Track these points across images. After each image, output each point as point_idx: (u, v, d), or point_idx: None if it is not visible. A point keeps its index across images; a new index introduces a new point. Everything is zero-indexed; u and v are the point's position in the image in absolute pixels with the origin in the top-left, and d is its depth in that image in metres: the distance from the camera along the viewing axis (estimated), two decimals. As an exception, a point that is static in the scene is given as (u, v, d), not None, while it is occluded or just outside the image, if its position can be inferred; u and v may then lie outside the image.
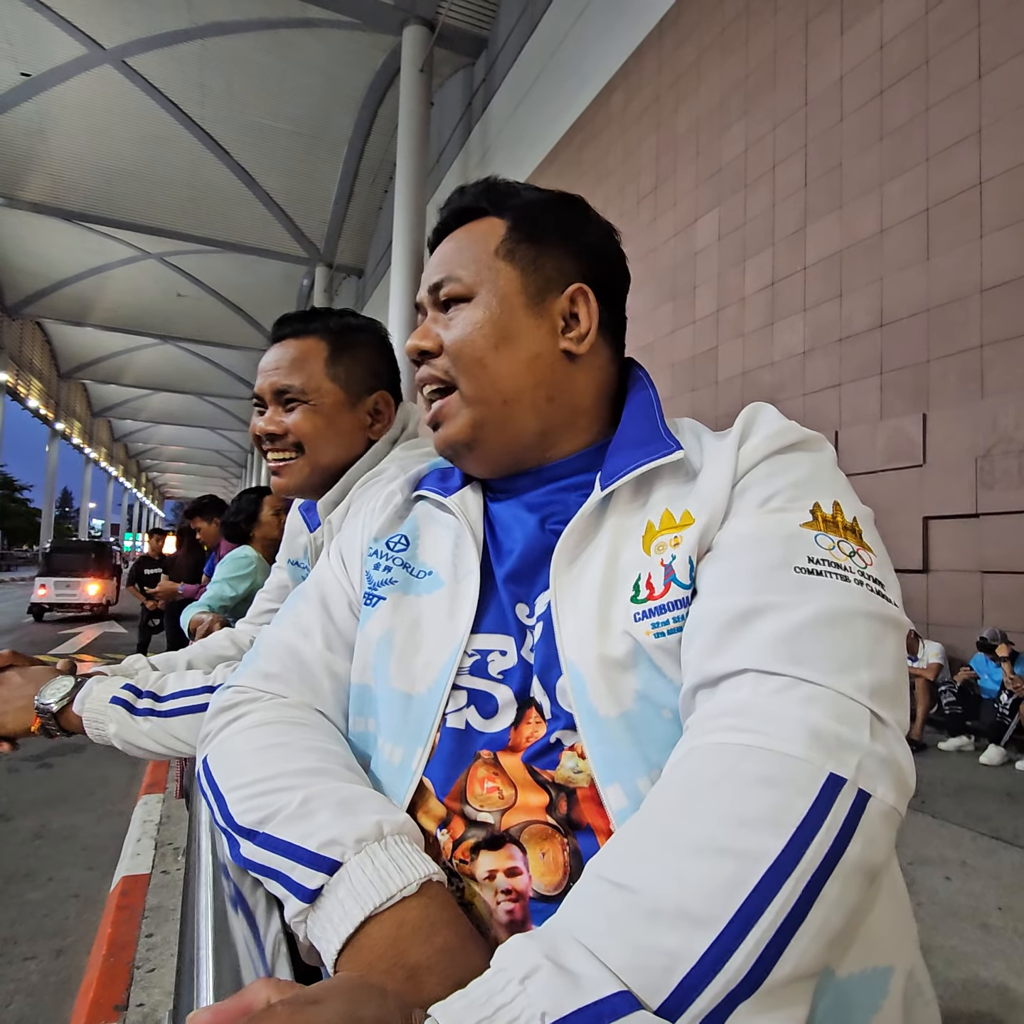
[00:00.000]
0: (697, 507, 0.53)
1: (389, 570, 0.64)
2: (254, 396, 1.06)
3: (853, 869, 0.37)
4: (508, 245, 0.62)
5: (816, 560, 0.47)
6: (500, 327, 0.60)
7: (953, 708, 4.44)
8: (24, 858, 2.68)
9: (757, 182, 6.47)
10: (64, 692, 0.86)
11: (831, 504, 0.51)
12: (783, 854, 0.36)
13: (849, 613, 0.45)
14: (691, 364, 7.28)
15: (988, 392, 4.61)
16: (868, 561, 0.48)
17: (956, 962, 2.07)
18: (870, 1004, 0.44)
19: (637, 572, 0.53)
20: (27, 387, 30.21)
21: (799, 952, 0.35)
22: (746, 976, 0.34)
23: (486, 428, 0.61)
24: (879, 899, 0.47)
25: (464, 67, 13.62)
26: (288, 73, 14.98)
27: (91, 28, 14.17)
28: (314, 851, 0.45)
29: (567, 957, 0.34)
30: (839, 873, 0.36)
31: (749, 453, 0.54)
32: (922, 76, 5.04)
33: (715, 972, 0.33)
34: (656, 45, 7.99)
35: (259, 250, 21.14)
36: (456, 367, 0.61)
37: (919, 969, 0.50)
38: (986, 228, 4.61)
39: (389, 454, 1.08)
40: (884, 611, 0.46)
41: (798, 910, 0.35)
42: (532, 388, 0.61)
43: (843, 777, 0.38)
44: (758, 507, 0.51)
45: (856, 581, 0.46)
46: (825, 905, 0.36)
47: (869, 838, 0.38)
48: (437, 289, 0.63)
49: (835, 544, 0.48)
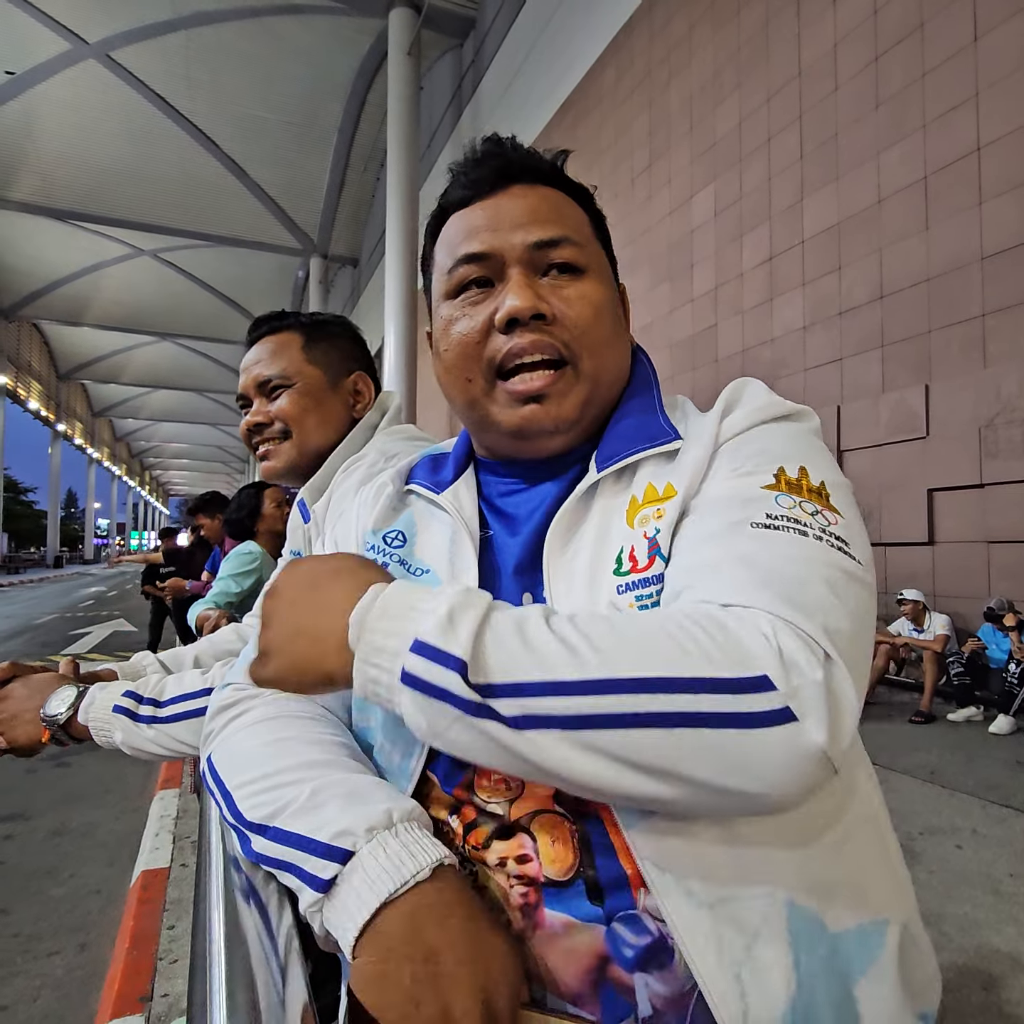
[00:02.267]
0: (678, 479, 0.54)
1: (386, 567, 0.64)
2: (239, 398, 1.08)
3: (725, 753, 0.37)
4: (593, 228, 0.62)
5: (775, 516, 0.47)
6: (614, 311, 0.60)
7: (961, 679, 4.45)
8: (45, 856, 2.72)
9: (752, 156, 6.39)
10: (69, 702, 0.86)
11: (797, 468, 0.51)
12: (671, 680, 0.38)
13: (806, 560, 0.44)
14: (690, 343, 7.23)
15: (991, 361, 4.57)
16: (832, 520, 0.48)
17: (968, 929, 2.09)
18: (867, 956, 0.46)
19: (620, 545, 0.53)
20: (27, 389, 30.24)
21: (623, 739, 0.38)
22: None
23: (589, 408, 0.58)
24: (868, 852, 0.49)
25: (452, 49, 13.44)
26: (274, 62, 14.83)
27: (73, 23, 14.03)
28: (326, 842, 0.46)
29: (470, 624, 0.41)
30: (708, 740, 0.37)
31: (730, 424, 0.55)
32: (917, 41, 4.95)
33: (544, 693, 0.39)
34: (646, 19, 7.87)
35: (252, 243, 21.03)
36: (580, 342, 0.57)
37: (914, 921, 0.51)
38: (985, 195, 4.55)
39: (371, 440, 1.08)
40: (843, 563, 0.45)
41: (652, 717, 0.37)
42: (624, 373, 0.62)
43: (776, 687, 0.38)
44: (728, 472, 0.52)
45: (815, 536, 0.46)
46: (674, 739, 0.37)
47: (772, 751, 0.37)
48: (546, 247, 0.56)
49: (796, 504, 0.48)
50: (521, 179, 0.59)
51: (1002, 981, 1.86)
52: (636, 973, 0.45)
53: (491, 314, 0.56)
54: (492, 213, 0.57)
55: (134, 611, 12.80)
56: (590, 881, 0.47)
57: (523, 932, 0.48)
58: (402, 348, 10.80)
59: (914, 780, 3.35)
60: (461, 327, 0.57)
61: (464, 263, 0.57)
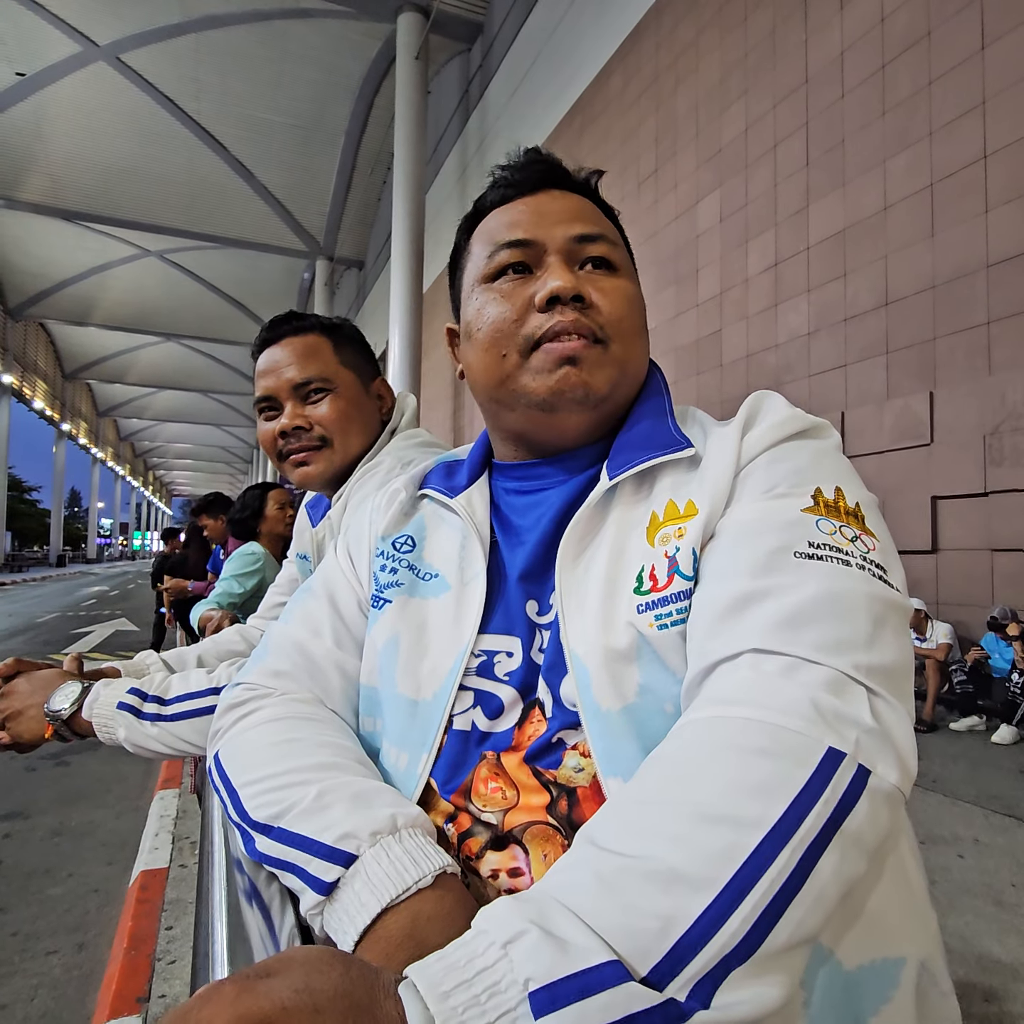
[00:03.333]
0: (700, 497, 0.53)
1: (395, 572, 0.64)
2: (264, 399, 1.03)
3: (851, 842, 0.37)
4: (624, 246, 0.64)
5: (817, 545, 0.47)
6: (642, 312, 0.62)
7: (964, 688, 4.43)
8: (44, 855, 2.72)
9: (758, 162, 6.40)
10: (73, 698, 0.86)
11: (833, 489, 0.50)
12: (781, 821, 0.36)
13: (849, 595, 0.44)
14: (695, 348, 7.23)
15: (996, 368, 4.56)
16: (871, 546, 0.48)
17: (970, 939, 2.08)
18: (879, 995, 0.44)
19: (641, 564, 0.52)
20: (32, 388, 30.34)
21: (794, 920, 0.34)
22: (742, 940, 0.33)
23: (618, 389, 0.60)
24: (888, 888, 0.47)
25: (460, 53, 13.49)
26: (283, 65, 14.90)
27: (84, 25, 14.11)
28: (330, 844, 0.46)
29: (554, 922, 0.33)
30: (837, 844, 0.36)
31: (753, 442, 0.54)
32: (924, 49, 4.95)
33: (710, 936, 0.33)
34: (653, 25, 7.89)
35: (259, 245, 21.11)
36: (614, 328, 0.59)
37: (935, 960, 0.48)
38: (991, 203, 4.55)
39: (388, 445, 1.08)
40: (885, 594, 0.45)
41: (794, 878, 0.35)
42: (643, 374, 0.64)
43: (842, 751, 0.38)
44: (760, 494, 0.51)
45: (858, 565, 0.46)
46: (821, 876, 0.35)
47: (868, 813, 0.37)
48: (585, 241, 0.59)
49: (836, 529, 0.48)
50: (561, 185, 0.63)
51: (1004, 992, 1.84)
52: None
53: (530, 296, 0.58)
54: (534, 208, 0.61)
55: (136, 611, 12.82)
56: None
57: None
58: (407, 350, 10.82)
59: (916, 789, 3.33)
60: (499, 308, 0.59)
61: (506, 247, 0.59)
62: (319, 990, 0.31)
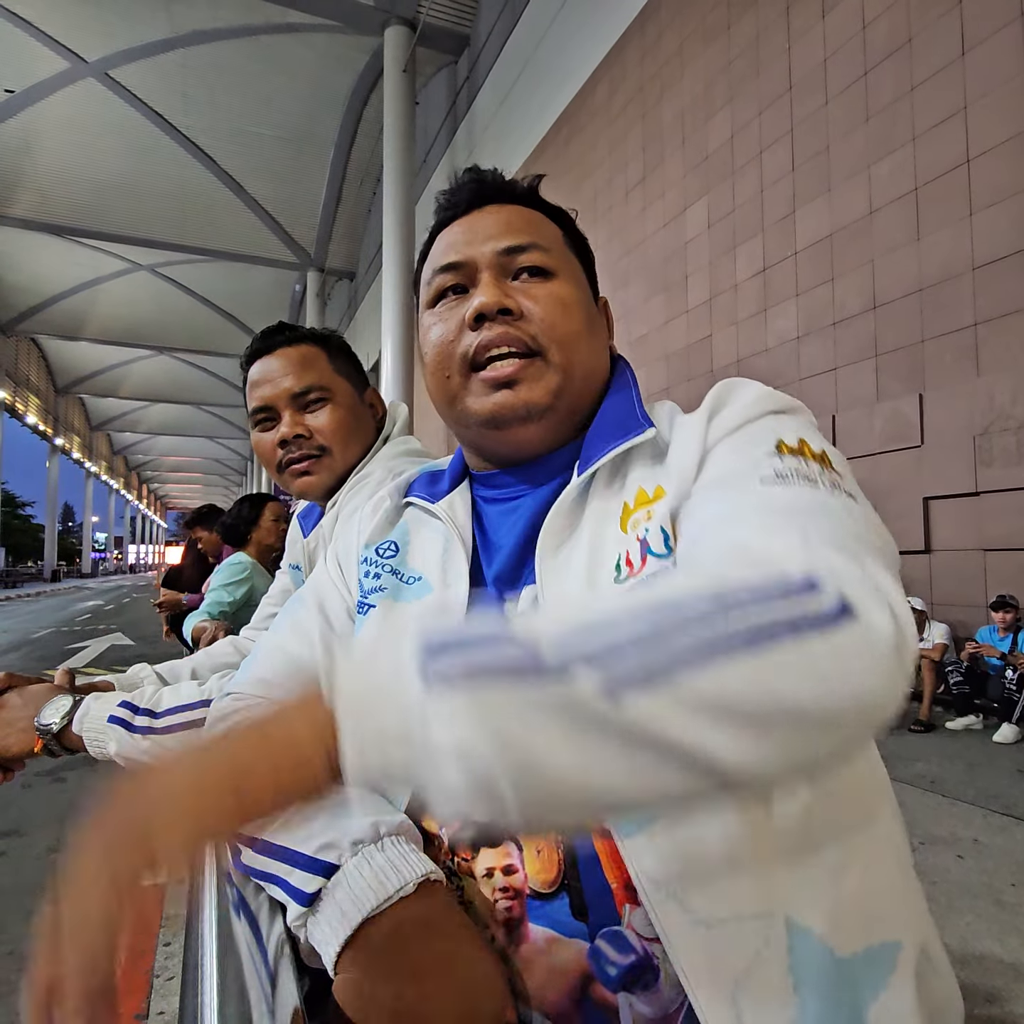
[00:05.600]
0: (667, 481, 0.53)
1: (379, 577, 0.65)
2: (261, 410, 1.02)
3: (809, 663, 0.31)
4: (567, 242, 0.64)
5: (782, 473, 0.46)
6: (587, 311, 0.62)
7: (960, 687, 4.44)
8: (40, 872, 2.69)
9: (744, 168, 6.45)
10: (63, 712, 0.85)
11: (796, 440, 0.49)
12: (760, 587, 0.33)
13: (821, 504, 0.43)
14: (686, 354, 7.27)
15: (984, 370, 4.59)
16: (841, 477, 0.47)
17: (971, 939, 2.07)
18: (877, 981, 0.43)
19: (617, 552, 0.53)
20: (25, 404, 30.26)
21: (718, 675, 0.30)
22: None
23: (563, 397, 0.59)
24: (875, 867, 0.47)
25: (447, 65, 13.58)
26: (271, 78, 14.96)
27: (72, 42, 14.16)
28: (311, 855, 0.45)
29: None
30: (793, 649, 0.31)
31: (720, 424, 0.53)
32: (905, 55, 5.02)
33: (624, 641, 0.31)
34: (638, 35, 7.96)
35: (250, 257, 21.14)
36: (549, 335, 0.58)
37: (932, 943, 0.48)
38: (975, 206, 4.60)
39: (378, 453, 1.08)
40: (857, 508, 0.44)
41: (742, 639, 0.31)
42: (601, 373, 0.63)
43: (825, 586, 0.34)
44: (725, 455, 0.51)
45: (825, 487, 0.45)
46: (769, 660, 0.31)
47: (849, 650, 0.32)
48: (514, 252, 0.60)
49: (802, 463, 0.47)
50: (496, 199, 0.63)
51: (1006, 993, 1.84)
52: (620, 993, 0.45)
53: (463, 315, 0.59)
54: (467, 227, 0.62)
55: (131, 625, 12.75)
56: (574, 894, 0.47)
57: (507, 948, 0.48)
58: (399, 361, 10.84)
59: (914, 789, 3.33)
60: (439, 330, 0.61)
61: (441, 272, 0.62)
62: None
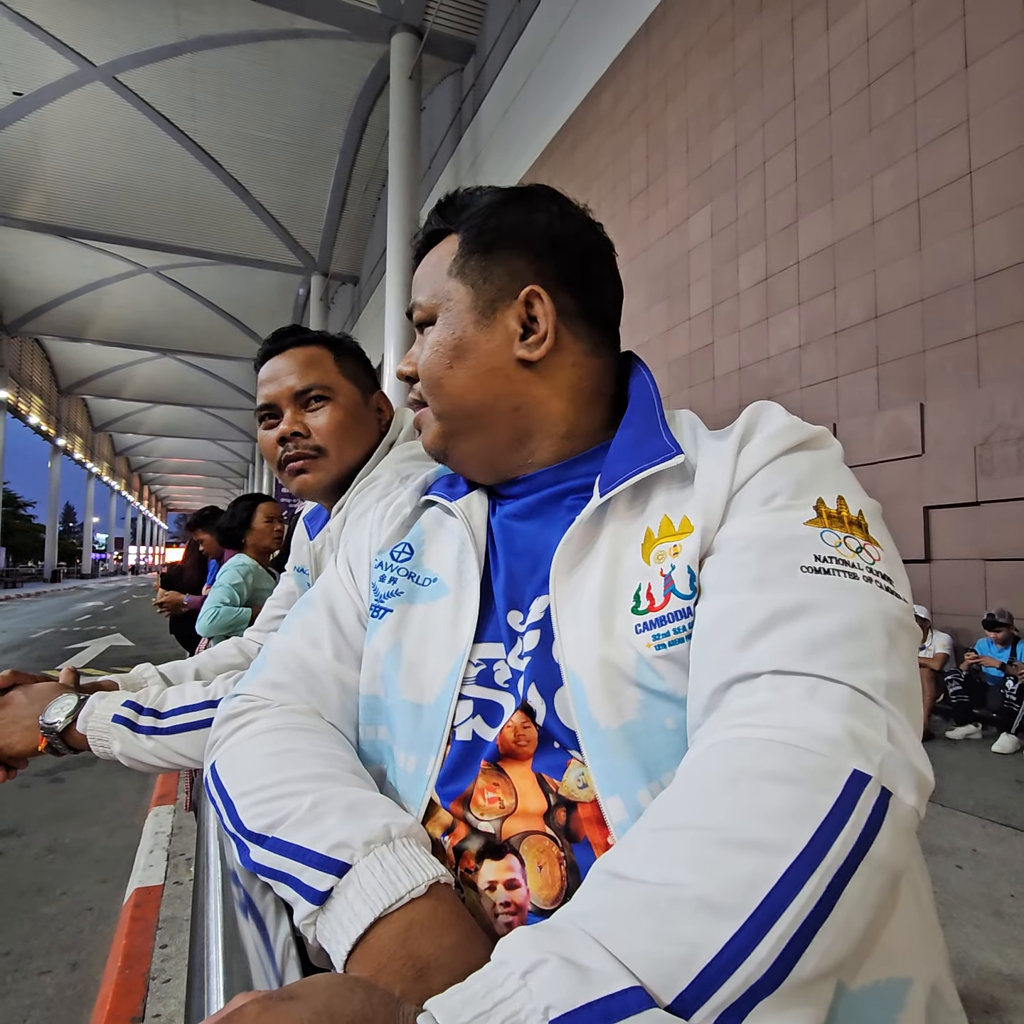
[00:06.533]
0: (695, 514, 0.52)
1: (394, 581, 0.65)
2: (263, 408, 1.05)
3: (876, 868, 0.36)
4: (459, 262, 0.62)
5: (823, 559, 0.46)
6: (453, 347, 0.61)
7: (960, 697, 4.43)
8: (37, 873, 2.69)
9: (748, 178, 6.48)
10: (68, 710, 0.85)
11: (835, 499, 0.50)
12: (808, 848, 0.35)
13: (861, 612, 0.44)
14: (687, 361, 7.28)
15: (985, 380, 4.60)
16: (876, 556, 0.47)
17: (970, 950, 2.06)
18: (885, 1018, 0.42)
19: (637, 582, 0.52)
20: (28, 404, 30.31)
21: (822, 949, 0.33)
22: (769, 970, 0.32)
23: (455, 439, 0.63)
24: (897, 908, 0.45)
25: (453, 73, 13.65)
26: (278, 84, 15.04)
27: (81, 45, 14.24)
28: (324, 854, 0.46)
29: (575, 950, 0.32)
30: (863, 871, 0.35)
31: (749, 457, 0.52)
32: (909, 67, 5.04)
33: (737, 964, 0.32)
34: (643, 45, 8.01)
35: (254, 261, 21.21)
36: (424, 388, 0.63)
37: (943, 980, 0.47)
38: (977, 217, 4.62)
39: (386, 457, 1.09)
40: (896, 611, 0.45)
41: (822, 906, 0.34)
42: (493, 400, 0.61)
43: (867, 774, 0.38)
44: (760, 506, 0.50)
45: (864, 578, 0.46)
46: (849, 903, 0.35)
47: (892, 837, 0.37)
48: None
49: (841, 540, 0.47)
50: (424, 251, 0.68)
51: (1004, 1004, 1.83)
52: None
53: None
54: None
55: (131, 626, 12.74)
56: None
57: None
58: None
59: (913, 799, 3.32)
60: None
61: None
62: (339, 1014, 0.31)
